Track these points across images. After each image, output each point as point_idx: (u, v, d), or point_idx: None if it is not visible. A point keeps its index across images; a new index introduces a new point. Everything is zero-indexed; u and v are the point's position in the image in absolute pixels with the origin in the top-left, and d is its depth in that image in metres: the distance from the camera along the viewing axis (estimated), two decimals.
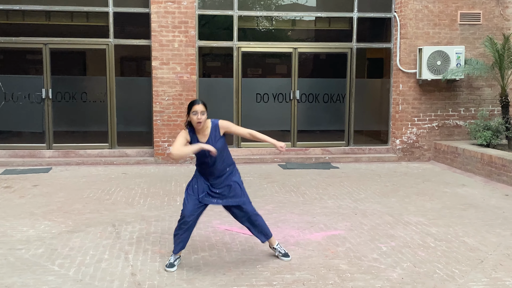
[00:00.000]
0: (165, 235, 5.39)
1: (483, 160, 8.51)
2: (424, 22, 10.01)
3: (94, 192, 7.35)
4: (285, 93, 10.38)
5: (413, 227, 5.76)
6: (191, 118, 4.35)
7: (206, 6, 10.15)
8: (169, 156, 4.62)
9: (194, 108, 4.33)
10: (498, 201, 7.00)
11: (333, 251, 4.94)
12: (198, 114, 4.31)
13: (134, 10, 9.88)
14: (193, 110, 4.33)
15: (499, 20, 10.16)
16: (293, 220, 5.99)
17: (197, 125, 4.35)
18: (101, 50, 9.89)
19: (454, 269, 4.49)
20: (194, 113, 4.32)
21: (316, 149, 10.38)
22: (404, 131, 10.22)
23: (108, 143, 10.02)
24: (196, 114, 4.32)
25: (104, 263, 4.57)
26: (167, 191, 7.50)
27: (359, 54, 10.54)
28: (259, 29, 10.76)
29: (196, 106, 4.33)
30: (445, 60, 9.72)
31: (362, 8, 10.33)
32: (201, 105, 4.35)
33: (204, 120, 4.36)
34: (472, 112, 10.28)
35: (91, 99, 10.03)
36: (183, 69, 9.70)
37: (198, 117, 4.31)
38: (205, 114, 4.37)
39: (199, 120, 4.31)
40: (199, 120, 4.32)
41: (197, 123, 4.33)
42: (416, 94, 10.17)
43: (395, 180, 8.48)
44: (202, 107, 4.34)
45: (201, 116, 4.32)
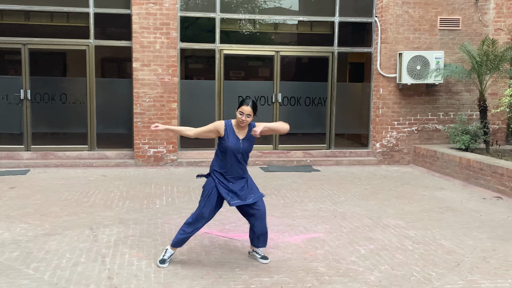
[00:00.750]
0: (143, 238, 5.34)
1: (462, 164, 8.63)
2: (405, 27, 10.13)
3: (72, 195, 7.26)
4: (267, 96, 10.39)
5: (391, 230, 5.80)
6: (237, 115, 4.39)
7: (188, 8, 10.12)
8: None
9: (242, 108, 4.37)
10: (476, 205, 7.09)
11: (312, 254, 4.95)
12: (244, 115, 4.36)
13: (115, 11, 9.80)
14: (240, 110, 4.38)
15: (477, 26, 10.33)
16: (273, 223, 5.98)
17: (240, 123, 4.41)
18: (81, 51, 9.79)
19: (431, 272, 4.53)
20: (241, 113, 4.37)
21: (298, 152, 10.42)
22: (384, 135, 10.31)
23: (87, 145, 9.91)
24: (242, 115, 4.37)
25: (81, 267, 4.51)
26: (147, 194, 7.44)
27: (340, 58, 10.61)
28: (241, 32, 10.76)
29: (245, 107, 4.36)
30: (424, 64, 9.84)
31: (344, 12, 10.41)
32: (249, 108, 4.36)
33: (247, 122, 4.41)
34: (451, 117, 10.41)
35: (71, 100, 9.91)
36: (164, 70, 9.65)
37: (243, 118, 4.36)
38: (251, 117, 4.40)
39: (243, 121, 4.37)
40: (243, 121, 4.37)
41: (240, 121, 4.39)
42: (396, 98, 10.28)
43: (374, 183, 8.54)
44: (249, 110, 4.36)
45: (246, 118, 4.37)
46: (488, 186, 7.88)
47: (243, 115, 4.35)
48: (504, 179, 7.53)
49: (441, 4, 10.17)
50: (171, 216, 6.19)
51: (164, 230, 5.65)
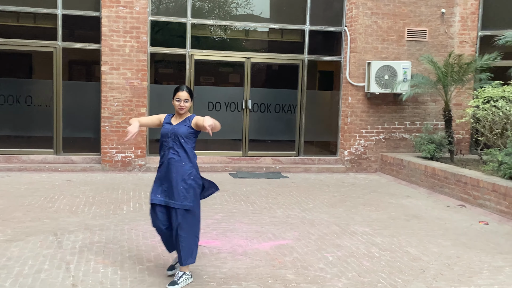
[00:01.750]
0: (109, 244, 5.24)
1: (427, 172, 8.81)
2: (373, 37, 10.31)
3: (36, 200, 7.06)
4: (237, 102, 10.40)
5: (359, 237, 5.87)
6: (174, 104, 4.30)
7: (159, 12, 10.05)
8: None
9: (178, 95, 4.27)
10: (440, 213, 7.25)
11: (280, 260, 4.96)
12: (182, 101, 4.27)
13: (84, 13, 9.64)
14: (176, 97, 4.28)
15: (443, 38, 10.62)
16: (242, 230, 5.97)
17: (180, 110, 4.29)
18: (49, 53, 9.58)
19: (397, 279, 4.60)
20: (177, 100, 4.28)
21: (267, 159, 10.44)
22: (352, 143, 10.45)
23: (53, 149, 9.68)
24: (179, 101, 4.27)
25: (44, 274, 4.38)
26: (114, 199, 7.31)
27: (310, 66, 10.72)
28: (212, 37, 10.74)
29: (180, 93, 4.27)
30: (392, 74, 10.04)
31: (314, 21, 10.53)
32: (185, 92, 4.28)
33: (186, 108, 4.29)
34: (417, 126, 10.65)
35: (37, 103, 9.67)
36: (133, 75, 9.53)
37: (181, 104, 4.26)
38: (189, 102, 4.30)
39: (181, 107, 4.27)
40: (181, 108, 4.27)
41: (179, 108, 4.28)
42: (364, 107, 10.44)
43: (343, 190, 8.63)
44: (186, 95, 4.27)
45: (184, 104, 4.27)
46: (452, 195, 8.07)
47: (181, 101, 4.26)
48: (467, 188, 7.73)
49: (409, 16, 10.41)
50: (138, 222, 6.10)
51: (131, 236, 5.56)
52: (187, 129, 4.29)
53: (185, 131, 4.28)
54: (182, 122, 4.33)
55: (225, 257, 4.99)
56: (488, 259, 5.22)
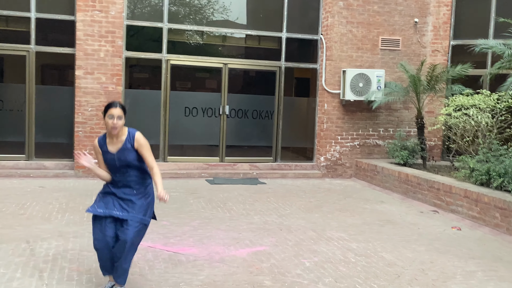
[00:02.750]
0: (83, 252, 5.15)
1: (400, 178, 8.96)
2: (348, 45, 10.46)
3: (7, 206, 6.90)
4: (214, 107, 10.38)
5: (335, 242, 5.92)
6: (106, 122, 3.92)
7: (135, 17, 9.98)
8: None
9: (111, 111, 3.91)
10: (414, 218, 7.37)
11: (257, 267, 4.96)
12: (115, 118, 3.90)
13: (59, 17, 9.50)
14: (108, 114, 3.91)
15: (416, 47, 10.84)
16: (219, 236, 5.95)
17: (112, 130, 3.93)
18: (21, 56, 9.39)
19: (373, 284, 4.65)
20: (110, 117, 3.91)
21: (244, 165, 10.45)
22: (328, 149, 10.55)
23: (25, 154, 9.48)
24: (112, 118, 3.90)
25: (16, 282, 4.28)
26: (87, 206, 7.15)
27: (287, 73, 10.79)
28: (189, 43, 10.72)
29: (113, 110, 3.90)
30: (367, 82, 10.19)
31: (291, 29, 10.62)
32: (119, 109, 3.92)
33: (120, 126, 3.94)
34: (391, 133, 10.82)
35: (8, 107, 9.47)
36: (108, 79, 9.43)
37: (114, 121, 3.90)
38: (123, 119, 3.95)
39: (114, 125, 3.90)
40: (114, 126, 3.90)
41: (111, 128, 3.91)
42: (340, 114, 10.56)
43: (319, 196, 8.70)
44: (119, 111, 3.92)
45: (117, 121, 3.91)
46: (425, 200, 8.22)
47: (114, 118, 3.89)
48: (440, 194, 7.88)
49: (382, 25, 10.60)
50: None
51: None
52: (135, 155, 4.01)
53: (134, 157, 4.00)
54: (123, 147, 3.99)
55: (201, 264, 4.96)
56: (461, 264, 5.33)
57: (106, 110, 3.95)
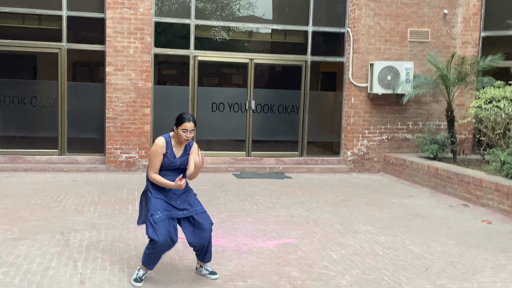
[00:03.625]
0: (115, 243, 5.30)
1: (430, 172, 8.85)
2: (376, 38, 10.36)
3: (42, 199, 7.13)
4: (240, 103, 10.46)
5: (362, 235, 5.91)
6: (179, 133, 4.26)
7: (163, 13, 10.12)
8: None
9: (185, 125, 4.24)
10: (443, 212, 7.29)
11: (285, 258, 5.00)
12: (188, 132, 4.26)
13: (89, 14, 9.71)
14: (183, 127, 4.25)
15: (446, 38, 10.66)
16: (246, 229, 6.02)
17: (184, 142, 4.33)
18: (53, 54, 9.65)
19: (401, 276, 4.64)
20: (184, 131, 4.25)
21: (270, 159, 10.49)
22: (355, 143, 10.50)
23: (58, 149, 9.75)
24: (185, 132, 4.25)
25: (52, 271, 4.44)
26: (119, 199, 7.37)
27: (313, 67, 10.77)
28: (216, 38, 10.81)
29: (187, 124, 4.24)
30: (395, 75, 10.08)
31: (317, 22, 10.59)
32: (192, 123, 4.27)
33: (191, 138, 4.33)
34: (420, 126, 10.69)
35: (41, 104, 9.75)
36: (138, 75, 9.60)
37: (188, 135, 4.26)
38: (194, 132, 4.34)
39: (188, 138, 4.28)
40: (188, 139, 4.29)
41: (185, 140, 4.29)
42: (367, 108, 10.49)
43: (346, 190, 8.68)
44: (192, 126, 4.27)
45: (190, 135, 4.28)
46: (455, 194, 8.11)
47: (187, 132, 4.25)
48: (470, 187, 7.76)
49: (411, 17, 10.46)
50: None
51: (136, 235, 5.61)
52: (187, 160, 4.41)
53: (187, 162, 4.40)
54: (184, 153, 4.39)
55: (230, 255, 5.04)
56: (491, 257, 5.26)
57: (180, 123, 4.26)
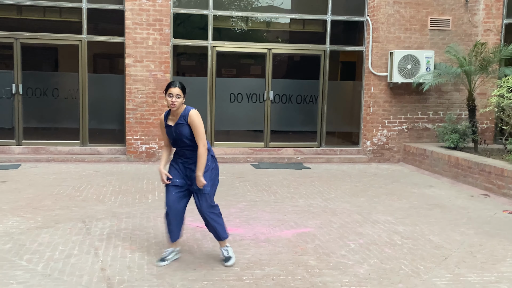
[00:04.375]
0: (136, 231, 5.39)
1: (450, 162, 8.75)
2: (396, 26, 10.23)
3: (64, 189, 7.27)
4: (259, 93, 10.46)
5: (381, 225, 5.89)
6: (166, 99, 4.34)
7: (181, 4, 10.15)
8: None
9: (170, 90, 4.30)
10: (464, 202, 7.21)
11: (302, 247, 5.03)
12: (173, 97, 4.29)
13: (108, 6, 9.80)
14: (168, 92, 4.32)
15: (467, 26, 10.47)
16: (264, 218, 6.05)
17: (171, 107, 4.35)
18: (74, 46, 9.78)
19: (419, 266, 4.62)
20: (170, 95, 4.31)
21: (289, 150, 10.49)
22: (375, 133, 10.42)
23: (79, 140, 9.91)
24: (171, 97, 4.30)
25: (74, 259, 4.55)
26: (139, 188, 7.48)
27: (332, 57, 10.69)
28: (234, 29, 10.80)
29: (172, 89, 4.29)
30: (415, 64, 9.95)
31: (336, 11, 10.49)
32: (177, 88, 4.30)
33: (178, 104, 4.32)
34: (441, 116, 10.55)
35: (63, 95, 9.90)
36: (157, 67, 9.67)
37: (173, 100, 4.29)
38: (181, 98, 4.33)
39: (173, 103, 4.30)
40: (173, 103, 4.30)
41: (170, 105, 4.32)
42: (387, 97, 10.39)
43: (365, 180, 8.64)
44: (178, 90, 4.29)
45: (175, 99, 4.29)
46: (476, 184, 8.01)
47: (172, 97, 4.29)
48: (491, 177, 7.65)
49: (431, 5, 10.29)
50: (163, 211, 6.21)
51: (156, 224, 5.69)
52: (188, 130, 4.39)
53: (187, 132, 4.38)
54: (178, 122, 4.39)
55: (248, 244, 5.08)
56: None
57: (167, 89, 4.35)
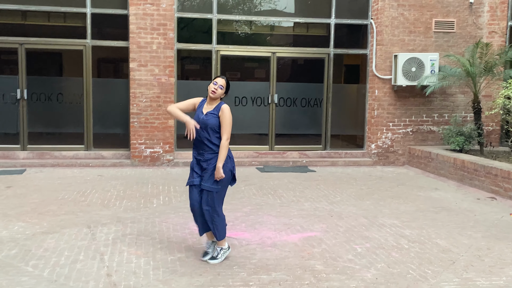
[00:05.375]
0: (141, 236, 5.37)
1: (456, 165, 8.71)
2: (400, 29, 10.21)
3: (69, 194, 7.27)
4: (263, 96, 10.45)
5: (387, 229, 5.86)
6: (209, 86, 4.53)
7: (185, 9, 10.16)
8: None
9: (216, 79, 4.56)
10: (470, 205, 7.17)
11: (309, 252, 5.00)
12: (217, 85, 4.52)
13: (112, 11, 9.82)
14: (214, 80, 4.55)
15: (472, 28, 10.43)
16: (270, 222, 6.03)
17: (211, 93, 4.52)
18: (78, 51, 9.80)
19: (427, 270, 4.59)
20: (214, 83, 4.53)
21: (294, 153, 10.47)
22: (380, 136, 10.39)
23: (84, 144, 9.92)
24: (215, 84, 4.52)
25: (79, 264, 4.53)
26: (144, 193, 7.47)
27: (336, 60, 10.68)
28: (238, 33, 10.81)
29: (218, 79, 4.56)
30: (420, 66, 9.92)
31: (340, 14, 10.48)
32: (223, 80, 4.56)
33: (218, 94, 4.53)
34: (446, 118, 10.51)
35: (67, 100, 9.92)
36: (161, 71, 9.68)
37: (215, 87, 4.51)
38: (223, 89, 4.55)
39: (214, 89, 4.50)
40: (214, 90, 4.50)
41: (211, 91, 4.51)
42: (391, 100, 10.36)
43: (370, 183, 8.60)
44: (223, 81, 4.55)
45: (217, 88, 4.51)
46: (482, 187, 7.96)
47: (217, 84, 4.51)
48: (498, 180, 7.61)
49: (436, 7, 10.27)
50: (168, 215, 6.22)
51: (161, 228, 5.68)
52: (216, 122, 4.59)
53: (214, 123, 4.57)
54: (210, 112, 4.58)
55: (254, 248, 5.06)
56: None
57: (214, 78, 4.63)
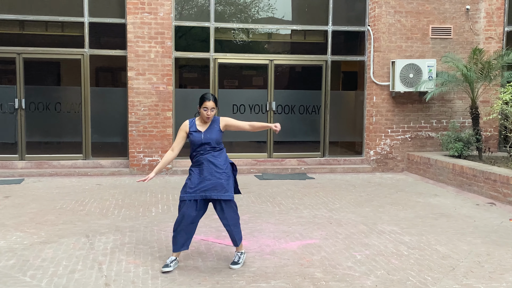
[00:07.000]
0: (139, 245, 5.34)
1: (455, 170, 8.70)
2: (397, 35, 10.25)
3: (68, 203, 7.24)
4: (261, 104, 10.46)
5: (386, 236, 5.84)
6: (201, 112, 4.62)
7: (183, 17, 10.19)
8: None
9: (205, 104, 4.59)
10: (469, 211, 7.15)
11: (308, 259, 4.98)
12: (208, 110, 4.59)
13: (110, 20, 9.84)
14: (203, 106, 4.60)
15: (469, 34, 10.47)
16: (269, 230, 6.01)
17: (207, 120, 4.65)
18: (76, 60, 9.81)
19: (427, 276, 4.57)
20: (205, 109, 4.60)
21: (292, 160, 10.46)
22: (378, 143, 10.39)
23: (82, 154, 9.90)
24: (206, 110, 4.60)
25: (78, 274, 4.50)
26: (142, 202, 7.45)
27: (334, 67, 10.70)
28: (235, 41, 10.84)
29: (207, 103, 4.59)
30: (417, 73, 9.95)
31: (337, 21, 10.52)
32: (212, 102, 4.60)
33: (212, 116, 4.65)
34: (444, 124, 10.51)
35: (65, 109, 9.92)
36: (159, 79, 9.69)
37: (208, 113, 4.60)
38: (215, 110, 4.63)
39: (208, 116, 4.61)
40: (208, 116, 4.61)
41: (206, 118, 4.62)
42: (390, 106, 10.37)
43: (369, 190, 8.59)
44: (212, 104, 4.60)
45: (210, 113, 4.61)
46: (481, 193, 7.95)
47: (207, 110, 4.59)
48: (497, 185, 7.60)
49: (432, 13, 10.31)
50: (167, 224, 6.20)
51: (160, 237, 5.65)
52: (218, 134, 4.70)
53: (217, 136, 4.68)
54: (210, 127, 4.68)
55: (253, 257, 5.04)
56: None
57: (201, 102, 4.63)
